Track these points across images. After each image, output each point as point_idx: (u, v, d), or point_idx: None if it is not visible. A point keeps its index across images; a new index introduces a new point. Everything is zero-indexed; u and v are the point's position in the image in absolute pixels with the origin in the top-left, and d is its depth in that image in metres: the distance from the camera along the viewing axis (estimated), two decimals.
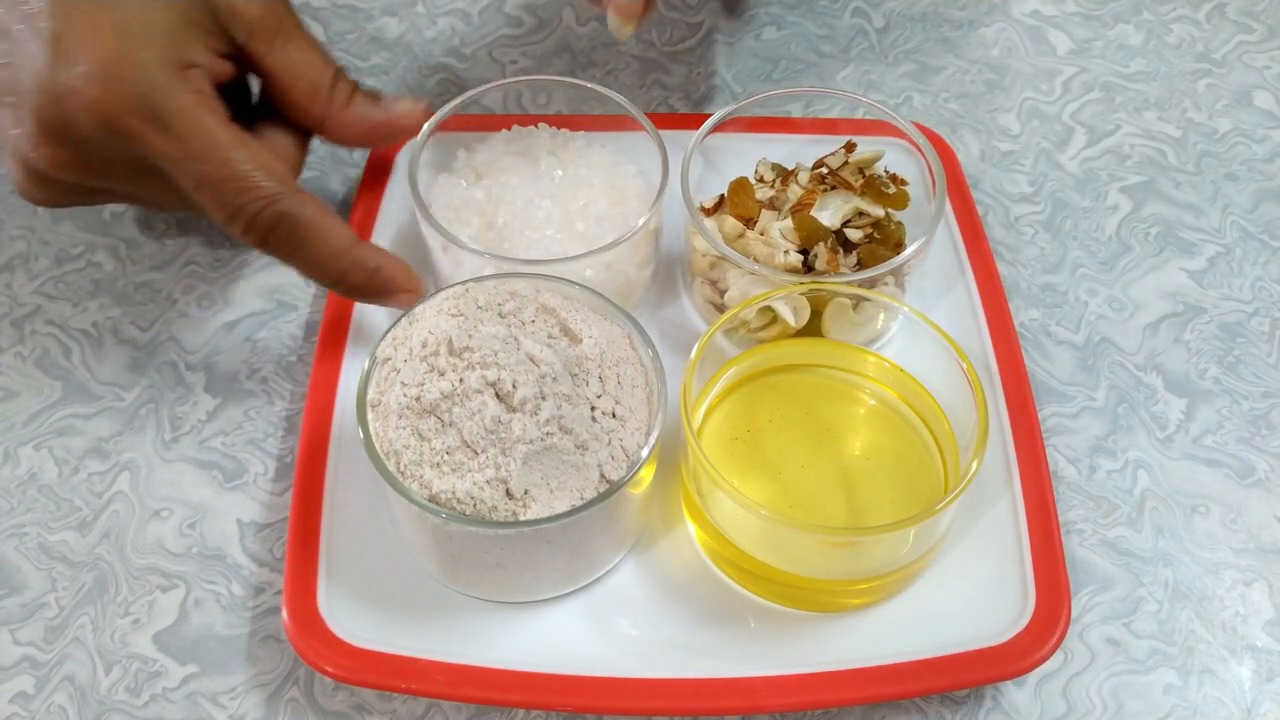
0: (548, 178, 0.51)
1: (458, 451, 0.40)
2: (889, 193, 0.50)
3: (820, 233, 0.48)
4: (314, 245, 0.46)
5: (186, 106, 0.44)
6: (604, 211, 0.50)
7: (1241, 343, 0.54)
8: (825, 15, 0.68)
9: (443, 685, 0.42)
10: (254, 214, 0.45)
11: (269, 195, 0.45)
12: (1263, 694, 0.44)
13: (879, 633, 0.44)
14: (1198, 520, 0.48)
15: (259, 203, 0.44)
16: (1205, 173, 0.60)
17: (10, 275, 0.56)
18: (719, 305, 0.51)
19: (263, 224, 0.45)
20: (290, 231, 0.45)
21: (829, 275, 0.48)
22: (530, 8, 0.67)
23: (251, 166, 0.44)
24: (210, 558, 0.47)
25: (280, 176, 0.45)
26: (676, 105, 0.63)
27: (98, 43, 0.43)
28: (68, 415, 0.51)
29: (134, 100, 0.43)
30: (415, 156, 0.50)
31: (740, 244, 0.50)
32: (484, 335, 0.42)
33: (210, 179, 0.44)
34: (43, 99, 0.43)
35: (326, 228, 0.46)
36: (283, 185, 0.45)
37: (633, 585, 0.45)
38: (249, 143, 0.45)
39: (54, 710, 0.44)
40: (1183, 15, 0.67)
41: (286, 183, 0.45)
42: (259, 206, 0.44)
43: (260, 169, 0.45)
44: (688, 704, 0.42)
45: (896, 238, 0.50)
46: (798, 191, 0.50)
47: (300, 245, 0.46)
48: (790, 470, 0.45)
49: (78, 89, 0.43)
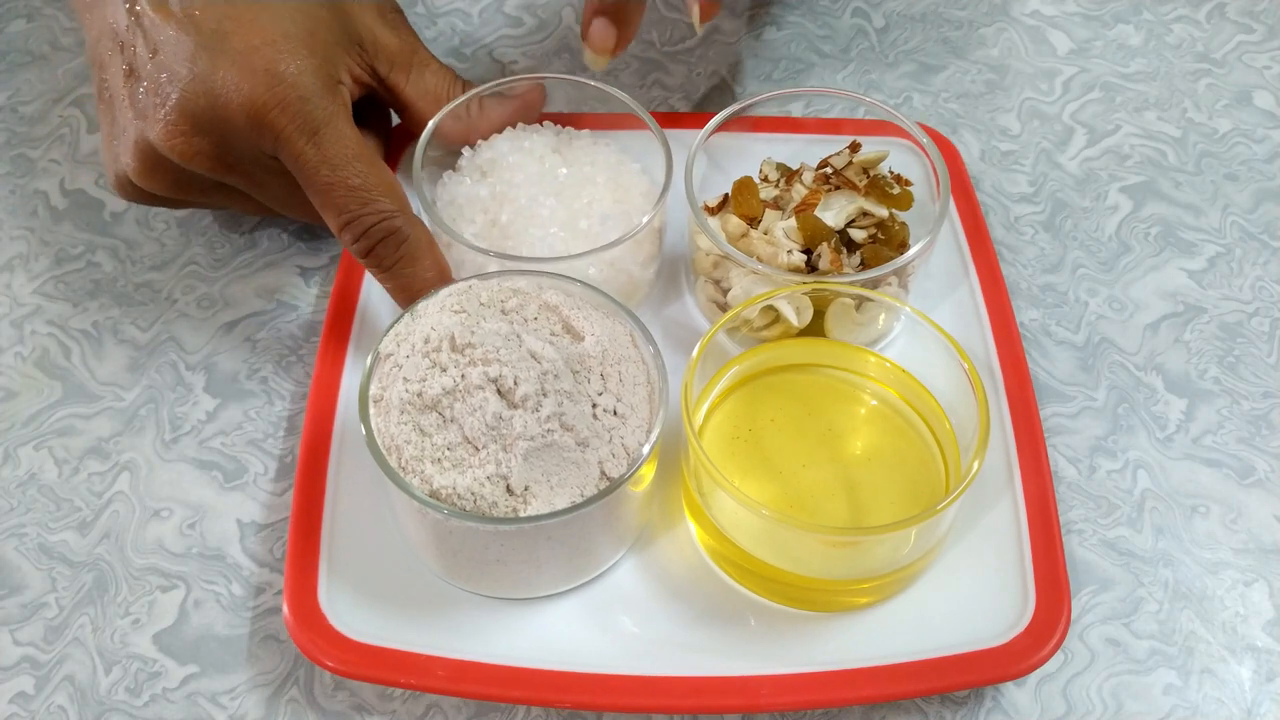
0: (552, 176, 0.51)
1: (459, 447, 0.40)
2: (893, 193, 0.50)
3: (824, 233, 0.48)
4: (413, 265, 0.49)
5: (335, 116, 0.48)
6: (608, 209, 0.50)
7: (1241, 343, 0.54)
8: (825, 15, 0.68)
9: (443, 681, 0.42)
10: (370, 225, 0.48)
11: (387, 212, 0.48)
12: (1263, 694, 0.44)
13: (879, 633, 0.44)
14: (1198, 520, 0.48)
15: (377, 216, 0.48)
16: (1205, 173, 0.60)
17: (10, 275, 0.56)
18: (722, 304, 0.51)
19: (374, 235, 0.48)
20: (395, 248, 0.48)
21: (832, 275, 0.48)
22: (530, 8, 0.67)
23: (379, 183, 0.48)
24: (210, 558, 0.47)
25: (400, 198, 0.49)
26: (676, 105, 0.63)
27: (263, 44, 0.47)
28: (68, 415, 0.51)
29: (289, 102, 0.46)
30: (418, 156, 0.50)
31: (744, 243, 0.50)
32: (486, 332, 0.42)
33: (341, 186, 0.47)
34: (195, 88, 0.46)
35: (426, 253, 0.49)
36: (400, 206, 0.48)
37: (633, 583, 0.45)
38: (379, 162, 0.49)
39: (54, 710, 0.44)
40: (1183, 15, 0.67)
41: (404, 205, 0.49)
42: (375, 220, 0.48)
43: (385, 187, 0.48)
44: (688, 702, 0.42)
45: (900, 238, 0.50)
46: (802, 191, 0.50)
47: (400, 262, 0.49)
48: (791, 470, 0.45)
49: (239, 84, 0.46)
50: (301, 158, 0.47)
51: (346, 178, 0.47)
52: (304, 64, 0.47)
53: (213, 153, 0.48)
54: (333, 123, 0.47)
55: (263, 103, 0.46)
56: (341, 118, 0.48)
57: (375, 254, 0.48)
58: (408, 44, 0.53)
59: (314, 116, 0.47)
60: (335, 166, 0.47)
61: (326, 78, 0.48)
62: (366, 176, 0.47)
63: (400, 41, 0.53)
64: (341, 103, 0.49)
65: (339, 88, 0.49)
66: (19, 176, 0.59)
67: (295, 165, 0.47)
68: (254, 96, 0.46)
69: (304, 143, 0.47)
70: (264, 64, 0.46)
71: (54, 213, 0.58)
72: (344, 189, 0.47)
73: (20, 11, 0.67)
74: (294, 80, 0.47)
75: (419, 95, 0.54)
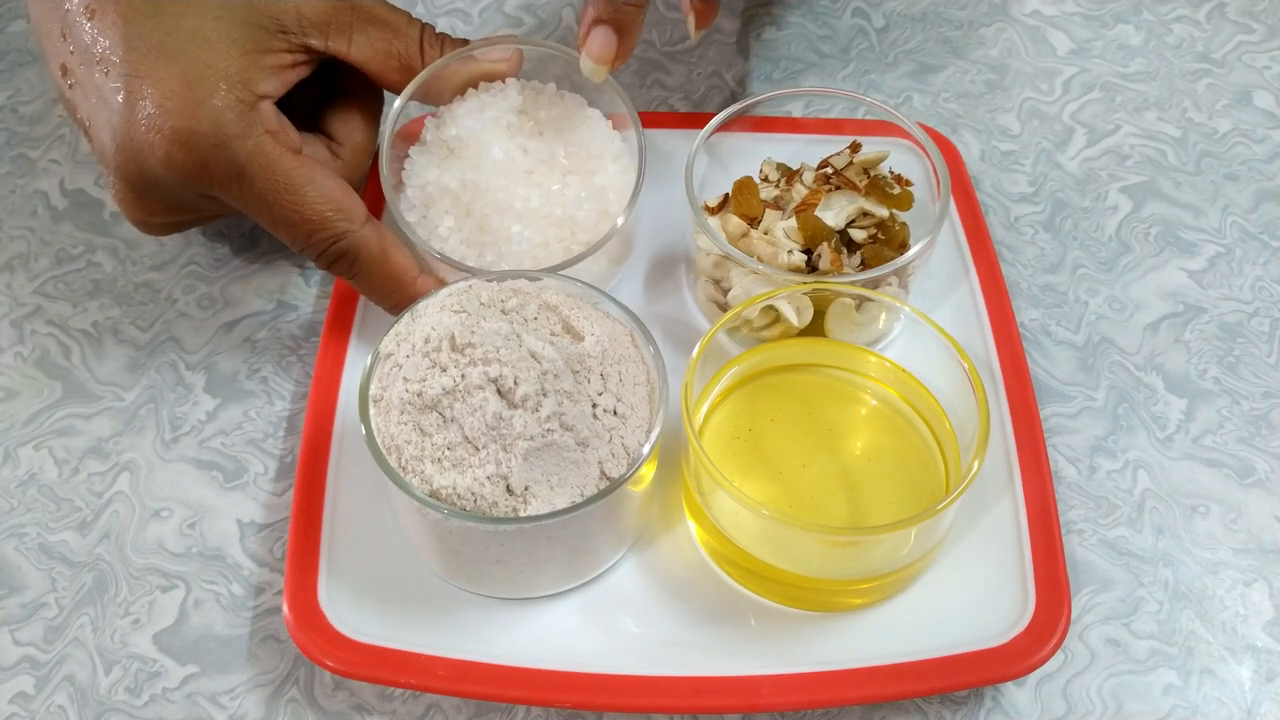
0: (520, 154, 0.50)
1: (459, 447, 0.40)
2: (893, 194, 0.50)
3: (824, 233, 0.48)
4: (371, 278, 0.49)
5: (259, 150, 0.46)
6: (578, 192, 0.50)
7: (1241, 343, 0.54)
8: (825, 15, 0.68)
9: (443, 680, 0.42)
10: (320, 251, 0.48)
11: (335, 234, 0.48)
12: (1263, 694, 0.44)
13: (879, 633, 0.44)
14: (1198, 520, 0.48)
15: (323, 243, 0.48)
16: (1205, 173, 0.60)
17: (10, 275, 0.56)
18: (722, 304, 0.51)
19: (329, 257, 0.48)
20: (349, 266, 0.49)
21: (833, 275, 0.48)
22: (530, 8, 0.67)
23: (322, 204, 0.47)
24: (210, 558, 0.47)
25: (347, 212, 0.48)
26: (676, 105, 0.63)
27: (165, 98, 0.45)
28: (68, 415, 0.51)
29: (207, 153, 0.45)
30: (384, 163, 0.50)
31: (744, 243, 0.50)
32: (486, 331, 0.42)
33: (282, 221, 0.47)
34: (122, 157, 0.46)
35: (387, 264, 0.49)
36: (349, 222, 0.48)
37: (633, 583, 0.45)
38: (317, 178, 0.47)
39: (54, 710, 0.44)
40: (1183, 15, 0.67)
41: (353, 218, 0.48)
42: (324, 246, 0.48)
43: (329, 205, 0.47)
44: (688, 702, 0.42)
45: (900, 238, 0.50)
46: (802, 191, 0.50)
47: (360, 275, 0.49)
48: (791, 470, 0.45)
49: (154, 147, 0.45)
50: (238, 201, 0.47)
51: (284, 213, 0.47)
52: (210, 106, 0.45)
53: (165, 206, 0.48)
54: (256, 159, 0.46)
55: (180, 163, 0.45)
56: (266, 148, 0.46)
57: (334, 269, 0.49)
58: (336, 5, 0.50)
59: (236, 160, 0.46)
60: (270, 203, 0.46)
61: (241, 108, 0.46)
62: (304, 206, 0.47)
63: (327, 5, 0.49)
64: (264, 128, 0.47)
65: (260, 107, 0.47)
66: (19, 176, 0.59)
67: (235, 205, 0.47)
68: (170, 158, 0.45)
69: (234, 188, 0.46)
70: (170, 123, 0.45)
71: (54, 213, 0.58)
72: (286, 224, 0.47)
73: (20, 11, 0.67)
74: (204, 130, 0.45)
75: (368, 57, 0.51)
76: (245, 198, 0.47)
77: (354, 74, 0.52)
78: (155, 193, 0.47)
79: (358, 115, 0.53)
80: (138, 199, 0.48)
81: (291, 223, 0.47)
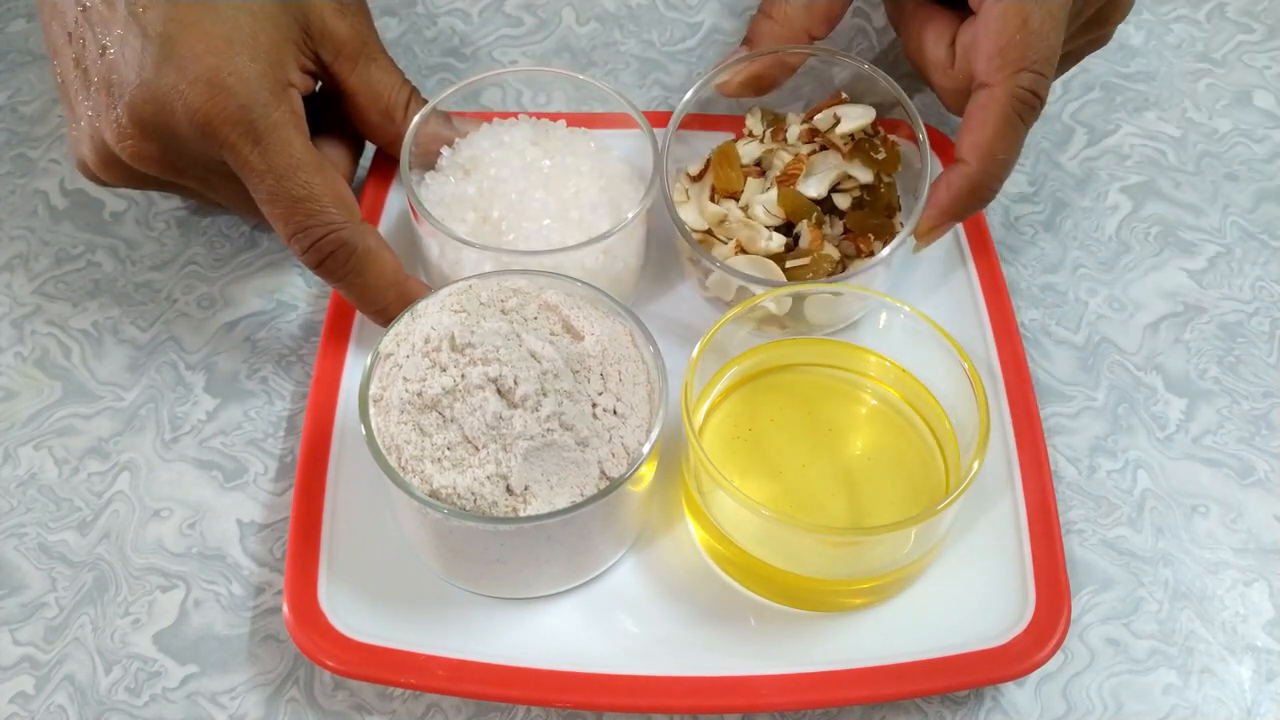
0: (536, 168, 0.51)
1: (459, 447, 0.41)
2: (878, 157, 0.50)
3: (805, 209, 0.48)
4: (363, 275, 0.48)
5: (281, 124, 0.46)
6: (595, 198, 0.50)
7: (1241, 343, 0.54)
8: None
9: (443, 680, 0.42)
10: (317, 238, 0.47)
11: (334, 223, 0.47)
12: (1263, 694, 0.44)
13: (879, 633, 0.44)
14: (1198, 520, 0.48)
15: (324, 229, 0.47)
16: (1205, 173, 0.60)
17: (10, 275, 0.56)
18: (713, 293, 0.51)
19: (322, 248, 0.47)
20: (345, 260, 0.48)
21: (809, 282, 0.48)
22: (530, 8, 0.67)
23: (325, 193, 0.47)
24: (210, 558, 0.47)
25: (348, 207, 0.48)
26: (676, 105, 0.63)
27: (207, 51, 0.45)
28: (68, 415, 0.51)
29: (235, 111, 0.45)
30: (405, 158, 0.50)
31: (724, 228, 0.50)
32: (486, 331, 0.42)
33: (286, 197, 0.46)
34: (143, 95, 0.45)
35: (379, 261, 0.48)
36: (349, 216, 0.48)
37: (633, 583, 0.45)
38: (326, 169, 0.47)
39: (54, 710, 0.44)
40: (1183, 15, 0.67)
41: (352, 213, 0.48)
42: (323, 232, 0.47)
43: (332, 196, 0.47)
44: (688, 702, 0.42)
45: (887, 200, 0.49)
46: (785, 158, 0.50)
47: (350, 273, 0.48)
48: (791, 470, 0.45)
49: (183, 92, 0.45)
50: (246, 166, 0.46)
51: (291, 188, 0.46)
52: (248, 69, 0.46)
53: (161, 157, 0.47)
54: (278, 130, 0.46)
55: (205, 112, 0.45)
56: (289, 125, 0.47)
57: (325, 266, 0.48)
58: (359, 34, 0.51)
59: (257, 126, 0.46)
60: (280, 176, 0.46)
61: (273, 82, 0.47)
62: (313, 186, 0.46)
63: (351, 30, 0.51)
64: (290, 108, 0.47)
65: (287, 91, 0.48)
66: (19, 176, 0.59)
67: (242, 174, 0.47)
68: (197, 105, 0.45)
69: (249, 152, 0.46)
70: (206, 72, 0.45)
71: (54, 213, 0.58)
72: (289, 200, 0.46)
73: (20, 11, 0.67)
74: (236, 89, 0.45)
75: (360, 89, 0.52)
76: (254, 166, 0.46)
77: (336, 118, 0.53)
78: (158, 137, 0.46)
79: (343, 149, 0.53)
80: (136, 143, 0.46)
81: (296, 198, 0.46)
